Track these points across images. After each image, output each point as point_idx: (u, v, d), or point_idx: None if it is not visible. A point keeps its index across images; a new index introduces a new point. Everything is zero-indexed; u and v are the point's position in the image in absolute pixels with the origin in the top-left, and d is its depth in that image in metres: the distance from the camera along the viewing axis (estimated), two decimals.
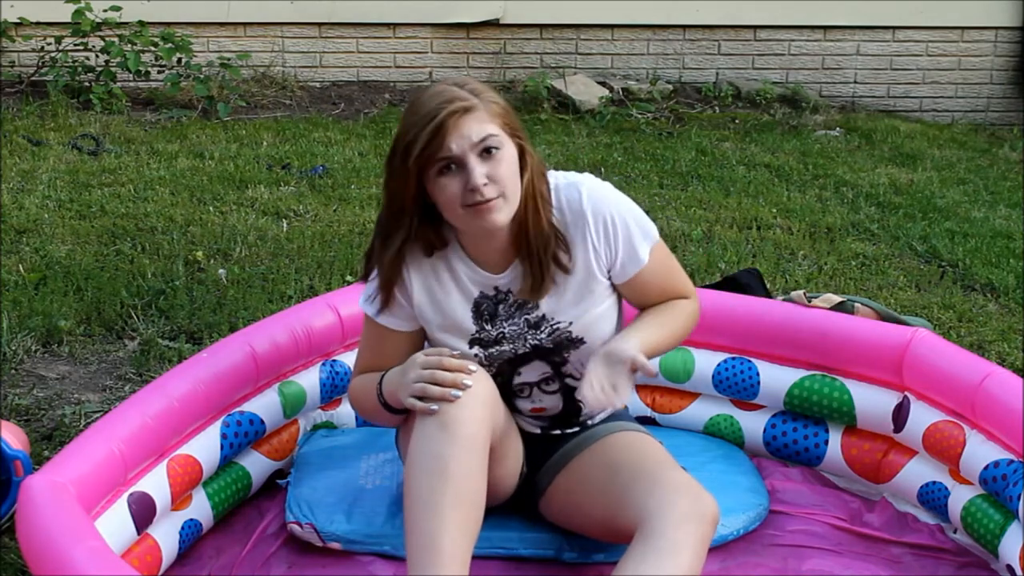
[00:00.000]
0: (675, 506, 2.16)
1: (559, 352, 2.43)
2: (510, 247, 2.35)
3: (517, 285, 2.38)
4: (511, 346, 2.41)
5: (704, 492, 2.22)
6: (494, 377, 2.37)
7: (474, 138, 2.20)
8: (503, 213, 2.25)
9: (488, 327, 2.40)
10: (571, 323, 2.40)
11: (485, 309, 2.39)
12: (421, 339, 2.46)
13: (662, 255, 2.44)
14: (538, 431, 2.53)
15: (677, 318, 2.44)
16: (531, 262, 2.34)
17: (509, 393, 2.46)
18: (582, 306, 2.40)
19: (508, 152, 2.24)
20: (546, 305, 2.39)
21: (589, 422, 2.55)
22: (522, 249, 2.34)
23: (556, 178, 2.38)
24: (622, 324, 2.49)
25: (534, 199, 2.30)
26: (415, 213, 2.29)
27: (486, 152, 2.22)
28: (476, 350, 2.40)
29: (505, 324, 2.40)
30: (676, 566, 2.09)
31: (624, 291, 2.46)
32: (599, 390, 2.24)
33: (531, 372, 2.45)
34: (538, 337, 2.41)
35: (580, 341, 2.42)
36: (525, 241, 2.33)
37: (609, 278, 2.42)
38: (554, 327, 2.40)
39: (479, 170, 2.20)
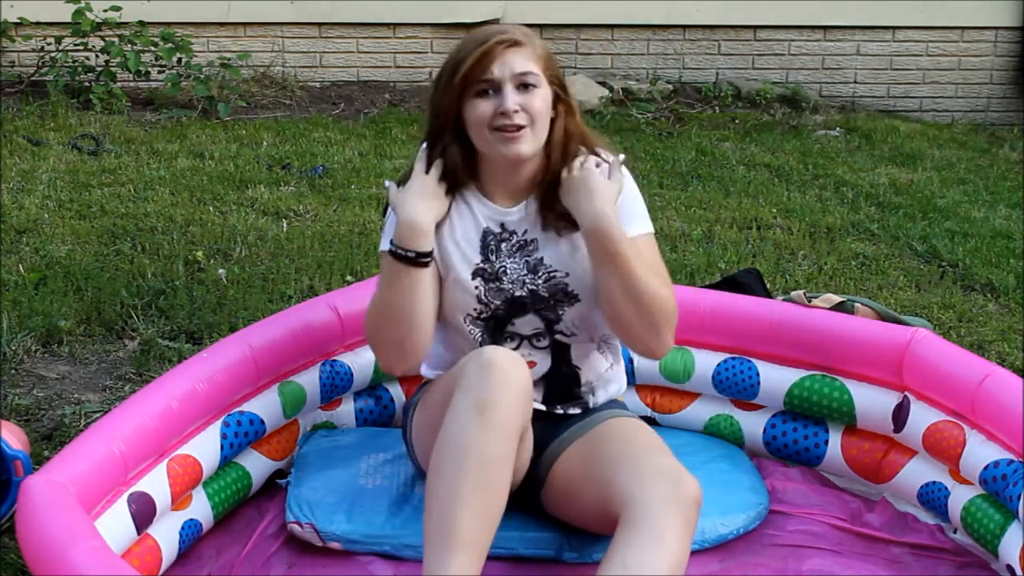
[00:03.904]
0: (655, 491, 2.17)
1: (554, 308, 2.49)
2: (527, 184, 2.49)
3: (524, 225, 2.50)
4: (510, 285, 2.48)
5: (686, 474, 2.22)
6: (488, 320, 2.47)
7: (516, 69, 2.40)
8: (528, 144, 2.41)
9: (492, 258, 2.48)
10: (567, 274, 2.48)
11: (491, 241, 2.49)
12: (435, 276, 2.48)
13: (651, 248, 2.50)
14: (543, 407, 2.52)
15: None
16: (548, 199, 2.47)
17: (499, 342, 2.49)
18: (576, 257, 2.49)
19: (544, 92, 2.43)
20: (544, 250, 2.49)
21: (590, 404, 2.56)
22: (539, 187, 2.48)
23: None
24: None
25: (563, 143, 2.47)
26: (452, 132, 2.44)
27: (523, 86, 2.40)
28: (478, 282, 2.48)
29: (507, 261, 2.49)
30: (660, 551, 2.10)
31: None
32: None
33: (524, 325, 2.50)
34: (535, 283, 2.49)
35: (575, 298, 2.49)
36: (546, 178, 2.47)
37: None
38: (551, 274, 2.48)
39: (513, 96, 2.38)
